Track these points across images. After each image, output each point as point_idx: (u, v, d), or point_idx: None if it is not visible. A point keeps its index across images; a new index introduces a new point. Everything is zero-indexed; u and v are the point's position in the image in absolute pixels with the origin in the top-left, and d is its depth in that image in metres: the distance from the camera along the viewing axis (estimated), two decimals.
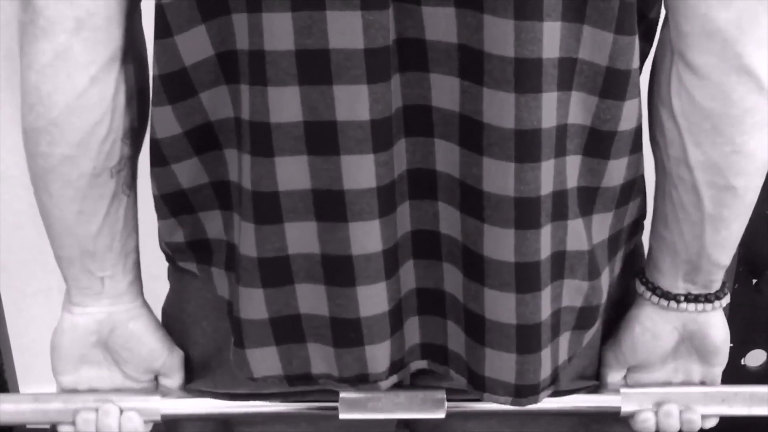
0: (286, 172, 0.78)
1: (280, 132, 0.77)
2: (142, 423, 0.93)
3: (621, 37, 0.76)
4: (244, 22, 0.75)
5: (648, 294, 0.91)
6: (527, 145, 0.76)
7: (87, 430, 0.92)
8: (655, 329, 0.91)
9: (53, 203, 0.84)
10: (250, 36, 0.75)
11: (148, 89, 0.86)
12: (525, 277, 0.81)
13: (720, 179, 0.81)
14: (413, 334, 0.87)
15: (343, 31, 0.73)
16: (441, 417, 0.92)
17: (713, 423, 0.96)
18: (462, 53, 0.76)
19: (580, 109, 0.79)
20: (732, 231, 0.85)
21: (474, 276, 0.82)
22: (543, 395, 0.87)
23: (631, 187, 0.86)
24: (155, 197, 0.88)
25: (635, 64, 0.78)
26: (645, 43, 0.84)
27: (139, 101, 0.86)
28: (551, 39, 0.74)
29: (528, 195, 0.78)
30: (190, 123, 0.82)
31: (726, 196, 0.82)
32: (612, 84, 0.78)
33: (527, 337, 0.83)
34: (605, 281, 0.88)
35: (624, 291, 0.94)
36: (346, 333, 0.83)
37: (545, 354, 0.85)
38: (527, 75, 0.74)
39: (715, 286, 0.89)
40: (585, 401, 0.94)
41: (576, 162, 0.81)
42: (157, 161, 0.85)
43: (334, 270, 0.81)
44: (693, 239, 0.85)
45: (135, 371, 0.94)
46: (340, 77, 0.74)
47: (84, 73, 0.78)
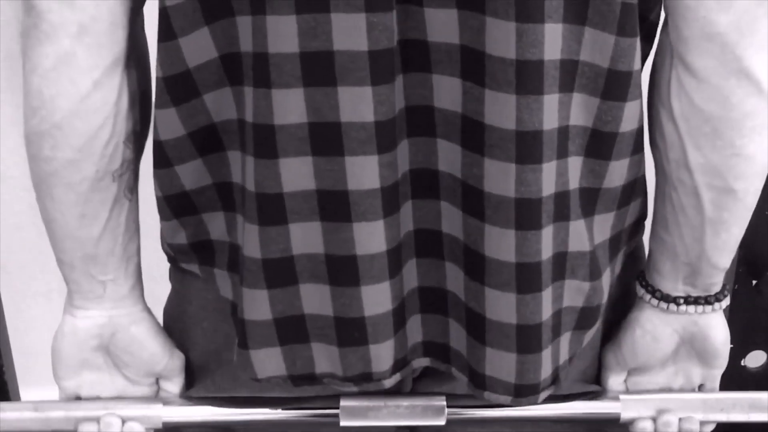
0: (290, 173, 0.78)
1: (284, 134, 0.77)
2: None
3: (622, 39, 0.76)
4: (248, 24, 0.75)
5: (648, 297, 0.91)
6: (528, 147, 0.77)
7: None
8: (656, 332, 0.91)
9: (55, 207, 0.84)
10: (254, 38, 0.75)
11: (150, 93, 0.86)
12: (526, 278, 0.81)
13: (720, 182, 0.82)
14: (416, 332, 0.88)
15: (348, 33, 0.73)
16: (441, 424, 0.92)
17: (710, 428, 0.96)
18: (464, 55, 0.76)
19: (581, 111, 0.79)
20: (732, 234, 0.85)
21: (475, 275, 0.82)
22: (543, 395, 0.87)
23: (633, 188, 0.86)
24: (158, 199, 0.88)
25: (637, 65, 0.78)
26: (645, 45, 0.84)
27: (142, 105, 0.86)
28: (553, 41, 0.74)
29: (528, 196, 0.78)
30: (193, 124, 0.83)
31: (726, 199, 0.82)
32: (613, 85, 0.78)
33: (527, 337, 0.83)
34: (606, 282, 0.88)
35: (624, 291, 0.94)
36: (350, 332, 0.83)
37: (546, 354, 0.85)
38: (528, 77, 0.74)
39: (715, 288, 0.89)
40: (584, 408, 0.94)
41: (578, 163, 0.81)
42: (161, 163, 0.85)
43: (338, 270, 0.81)
44: (693, 242, 0.85)
45: (136, 375, 0.94)
46: (344, 79, 0.74)
47: (87, 78, 0.78)
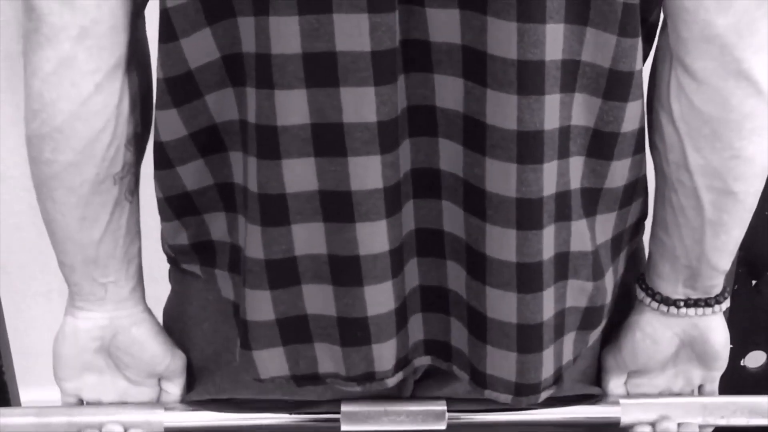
0: (293, 174, 0.78)
1: (287, 135, 0.77)
2: None
3: (624, 39, 0.76)
4: (250, 25, 0.75)
5: (648, 300, 0.91)
6: (529, 147, 0.77)
7: None
8: (656, 335, 0.91)
9: (56, 209, 0.84)
10: (256, 39, 0.75)
11: (151, 96, 0.86)
12: (526, 278, 0.81)
13: (720, 184, 0.82)
14: (417, 331, 0.88)
15: (350, 34, 0.73)
16: (442, 429, 0.92)
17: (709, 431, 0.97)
18: (466, 55, 0.76)
19: (583, 111, 0.79)
20: (732, 236, 0.85)
21: (476, 274, 0.82)
22: (545, 394, 0.87)
23: (634, 188, 0.86)
24: (159, 200, 0.88)
25: (638, 66, 0.79)
26: (645, 46, 0.84)
27: (143, 108, 0.86)
28: (554, 41, 0.74)
29: (530, 196, 0.78)
30: (195, 125, 0.83)
31: (726, 200, 0.82)
32: (615, 86, 0.78)
33: (528, 337, 0.83)
34: (609, 282, 0.88)
35: (624, 293, 0.94)
36: (353, 332, 0.83)
37: (547, 354, 0.85)
38: (530, 77, 0.74)
39: (716, 290, 0.89)
40: (584, 412, 0.94)
41: (579, 163, 0.81)
42: (162, 164, 0.85)
43: (341, 270, 0.81)
44: (693, 244, 0.85)
45: (138, 376, 0.94)
46: (347, 79, 0.75)
47: (88, 81, 0.78)
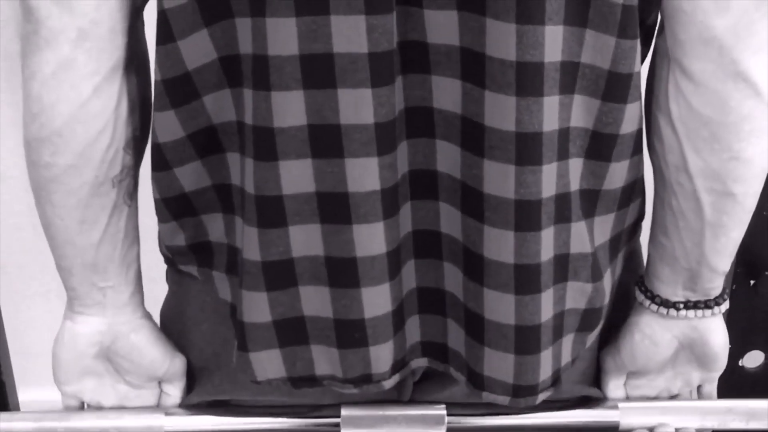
0: (290, 175, 0.78)
1: (284, 136, 0.77)
2: None
3: (623, 41, 0.76)
4: (247, 26, 0.75)
5: (647, 302, 0.91)
6: (528, 149, 0.77)
7: None
8: (655, 337, 0.91)
9: (55, 213, 0.84)
10: (253, 40, 0.75)
11: (150, 99, 0.86)
12: (524, 279, 0.81)
13: (719, 186, 0.82)
14: (414, 332, 0.88)
15: (348, 36, 0.73)
16: None
17: None
18: (464, 56, 0.76)
19: (582, 113, 0.79)
20: (731, 237, 0.85)
21: (474, 276, 0.82)
22: (542, 396, 0.87)
23: (632, 189, 0.86)
24: (156, 201, 0.88)
25: (637, 67, 0.79)
26: (643, 48, 0.84)
27: (142, 110, 0.86)
28: (553, 43, 0.74)
29: (528, 198, 0.78)
30: (193, 126, 0.82)
31: (725, 202, 0.82)
32: (614, 87, 0.78)
33: (526, 339, 0.83)
34: (608, 283, 0.88)
35: (623, 292, 0.94)
36: (350, 334, 0.83)
37: (545, 355, 0.85)
38: (529, 79, 0.74)
39: (715, 292, 0.89)
40: (583, 416, 0.94)
41: (578, 165, 0.81)
42: (159, 165, 0.85)
43: (338, 272, 0.81)
44: (693, 247, 0.85)
45: (138, 380, 0.94)
46: (344, 81, 0.74)
47: (87, 83, 0.78)
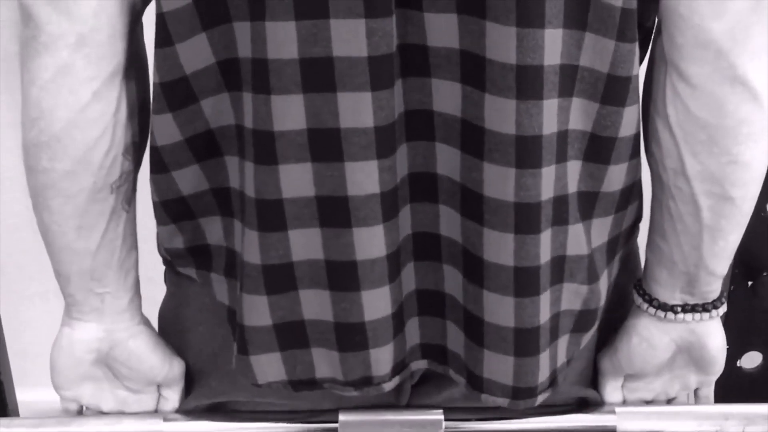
0: (290, 179, 0.78)
1: (284, 140, 0.77)
2: None
3: (622, 45, 0.77)
4: (246, 30, 0.75)
5: (645, 306, 0.91)
6: (528, 151, 0.77)
7: None
8: (652, 340, 0.91)
9: (53, 219, 0.83)
10: (253, 44, 0.75)
11: (149, 104, 0.86)
12: (524, 282, 0.81)
13: (717, 189, 0.82)
14: (413, 334, 0.88)
15: (347, 39, 0.73)
16: None
17: None
18: (464, 59, 0.76)
19: (580, 115, 0.79)
20: (729, 241, 0.85)
21: (473, 278, 0.82)
22: (541, 398, 0.87)
23: (630, 191, 0.86)
24: (155, 204, 0.88)
25: (635, 70, 0.79)
26: (641, 51, 0.84)
27: (141, 116, 0.85)
28: (553, 46, 0.74)
29: (528, 200, 0.78)
30: (191, 130, 0.82)
31: (724, 206, 0.82)
32: (613, 90, 0.78)
33: (525, 341, 0.83)
34: (604, 284, 0.88)
35: (620, 294, 0.94)
36: (350, 337, 0.83)
37: (543, 357, 0.85)
38: (529, 82, 0.74)
39: (713, 295, 0.89)
40: (580, 420, 0.95)
41: (576, 167, 0.81)
42: (158, 168, 0.85)
43: (338, 275, 0.81)
44: (691, 250, 0.85)
45: (136, 385, 0.94)
46: (344, 85, 0.75)
47: (86, 89, 0.78)
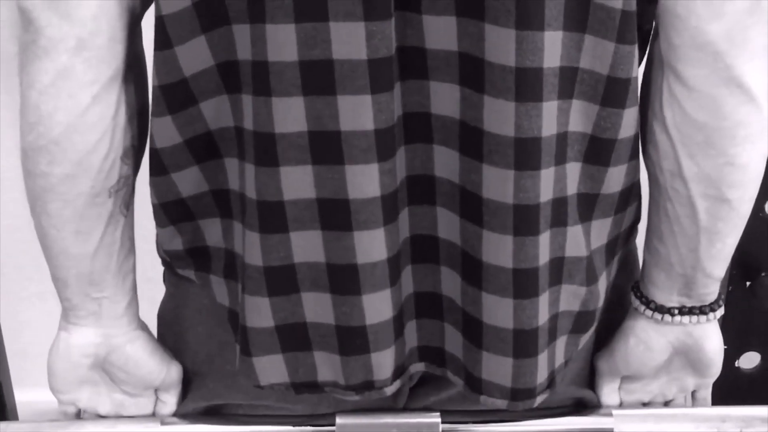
0: (291, 181, 0.78)
1: (284, 142, 0.77)
2: None
3: (622, 46, 0.77)
4: (246, 32, 0.75)
5: (642, 308, 0.91)
6: (527, 153, 0.77)
7: None
8: (650, 342, 0.91)
9: (51, 223, 0.83)
10: (252, 47, 0.75)
11: (148, 107, 0.86)
12: (523, 283, 0.81)
13: (714, 191, 0.82)
14: (411, 337, 0.88)
15: (347, 42, 0.73)
16: None
17: None
18: (462, 61, 0.76)
19: (580, 117, 0.79)
20: (727, 243, 0.85)
21: (472, 280, 0.82)
22: (539, 399, 0.87)
23: (629, 193, 0.86)
24: (154, 206, 0.88)
25: (635, 72, 0.79)
26: (639, 52, 0.84)
27: (139, 119, 0.85)
28: (552, 48, 0.74)
29: (527, 202, 0.78)
30: (190, 132, 0.82)
31: (721, 208, 0.82)
32: (612, 92, 0.78)
33: (524, 342, 0.83)
34: (602, 286, 0.88)
35: (618, 295, 0.94)
36: (352, 340, 0.83)
37: (542, 358, 0.85)
38: (528, 84, 0.74)
39: (710, 298, 0.89)
40: (577, 423, 0.95)
41: (576, 169, 0.82)
42: (157, 170, 0.85)
43: (339, 278, 0.81)
44: (688, 252, 0.85)
45: (133, 389, 0.95)
46: (344, 88, 0.75)
47: (86, 92, 0.78)
